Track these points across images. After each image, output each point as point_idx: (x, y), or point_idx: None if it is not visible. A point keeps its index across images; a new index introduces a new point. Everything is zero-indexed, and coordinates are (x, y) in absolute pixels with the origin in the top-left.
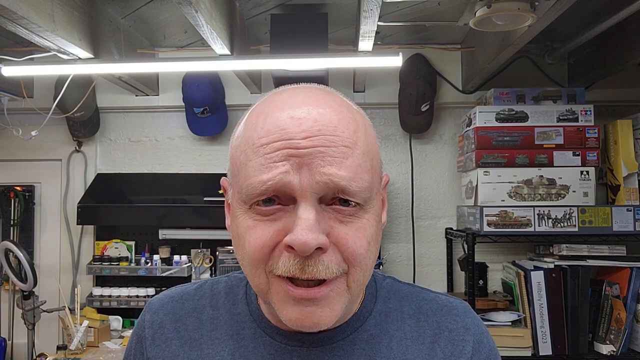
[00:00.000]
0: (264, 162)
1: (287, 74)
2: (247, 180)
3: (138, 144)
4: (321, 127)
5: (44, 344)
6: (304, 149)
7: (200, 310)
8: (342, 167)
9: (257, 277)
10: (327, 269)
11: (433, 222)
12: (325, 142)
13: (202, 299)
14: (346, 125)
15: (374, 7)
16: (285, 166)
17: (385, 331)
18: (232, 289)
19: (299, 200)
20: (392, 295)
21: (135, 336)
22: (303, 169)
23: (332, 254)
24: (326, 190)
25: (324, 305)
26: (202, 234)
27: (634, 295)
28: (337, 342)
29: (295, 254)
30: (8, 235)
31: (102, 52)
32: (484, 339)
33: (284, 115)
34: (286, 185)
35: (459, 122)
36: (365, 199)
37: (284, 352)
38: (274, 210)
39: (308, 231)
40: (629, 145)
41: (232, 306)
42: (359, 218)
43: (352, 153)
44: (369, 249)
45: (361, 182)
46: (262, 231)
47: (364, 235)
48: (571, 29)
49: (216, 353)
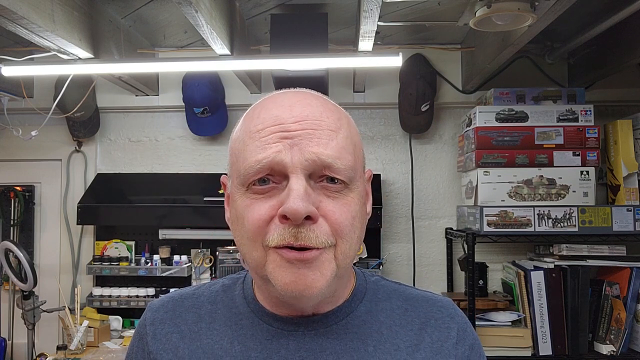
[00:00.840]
0: (259, 145)
1: (287, 74)
2: (244, 162)
3: (138, 144)
4: (309, 113)
5: (44, 344)
6: (295, 131)
7: (199, 307)
8: (328, 147)
9: (255, 251)
10: (318, 237)
11: (433, 222)
12: (312, 126)
13: (201, 296)
14: (330, 114)
15: (374, 7)
16: (278, 146)
17: (376, 318)
18: (229, 287)
19: (290, 176)
20: (380, 289)
21: (137, 334)
22: (294, 148)
23: (321, 225)
24: (314, 167)
25: (314, 269)
26: (202, 234)
27: (634, 295)
28: (330, 326)
29: (289, 223)
30: (8, 235)
31: (102, 52)
32: (468, 328)
33: (277, 106)
34: (279, 163)
35: (459, 122)
36: (349, 178)
37: (280, 336)
38: (269, 189)
39: (299, 200)
40: (629, 145)
41: (230, 301)
42: (344, 195)
43: (337, 136)
44: (353, 224)
45: (345, 161)
46: (258, 208)
47: (349, 210)
48: (571, 29)
49: (215, 342)
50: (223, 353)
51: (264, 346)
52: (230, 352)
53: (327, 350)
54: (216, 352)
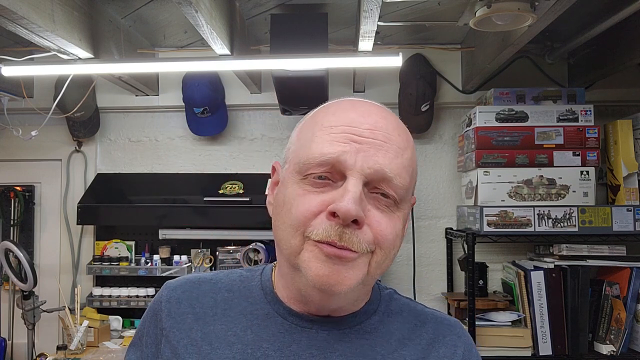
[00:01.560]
0: (328, 139)
1: (287, 74)
2: (308, 151)
3: (138, 144)
4: (383, 125)
5: (44, 344)
6: (366, 137)
7: (216, 292)
8: (392, 162)
9: (293, 239)
10: (360, 243)
11: (433, 222)
12: (383, 138)
13: (218, 283)
14: (402, 133)
15: (374, 7)
16: (345, 147)
17: (387, 328)
18: (247, 278)
19: (349, 177)
20: (393, 302)
21: (151, 311)
22: (360, 153)
23: (365, 232)
24: (374, 176)
25: (349, 268)
26: (202, 234)
27: (634, 295)
28: (343, 330)
29: (336, 221)
30: (8, 235)
31: (102, 52)
32: (473, 349)
33: (355, 110)
34: (342, 163)
35: (459, 122)
36: (401, 197)
37: (294, 331)
38: (324, 184)
39: (352, 202)
40: (629, 145)
41: (247, 291)
42: (392, 212)
43: (403, 155)
44: (395, 239)
45: (403, 180)
46: (309, 199)
47: (394, 226)
48: (571, 29)
49: (229, 329)
50: (235, 340)
51: (276, 338)
52: (242, 340)
53: (337, 351)
54: (229, 338)
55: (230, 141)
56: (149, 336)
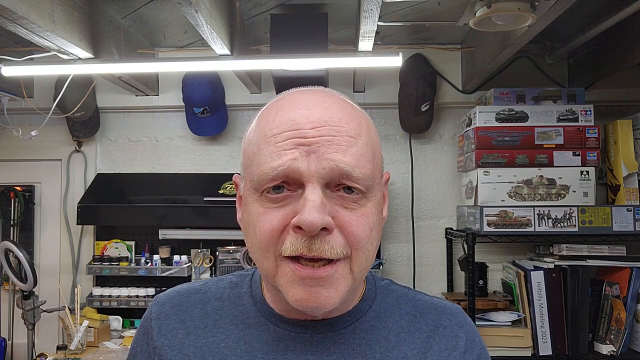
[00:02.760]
0: (275, 150)
1: (287, 74)
2: (259, 168)
3: (138, 144)
4: (327, 118)
5: (44, 344)
6: (312, 137)
7: (206, 302)
8: (346, 154)
9: (266, 260)
10: (332, 249)
11: (433, 222)
12: (331, 132)
13: (208, 292)
14: (350, 119)
15: (374, 7)
16: (294, 153)
17: (384, 324)
18: (236, 284)
19: (306, 185)
20: (390, 294)
21: (142, 329)
22: (311, 156)
23: (337, 236)
24: (332, 175)
25: (328, 286)
26: (202, 234)
27: (634, 295)
28: (338, 330)
29: (302, 233)
30: (8, 235)
31: (102, 52)
32: (476, 337)
33: (294, 109)
34: (295, 171)
35: (459, 122)
36: (367, 187)
37: (287, 338)
38: (283, 197)
39: (315, 211)
40: (629, 145)
41: (237, 298)
42: (362, 205)
43: (356, 142)
44: (370, 235)
45: (364, 169)
46: (271, 216)
47: (367, 221)
48: (571, 29)
49: (221, 340)
50: (229, 352)
51: (270, 347)
52: (236, 352)
53: (334, 354)
54: (222, 350)
55: (230, 141)
56: (142, 355)
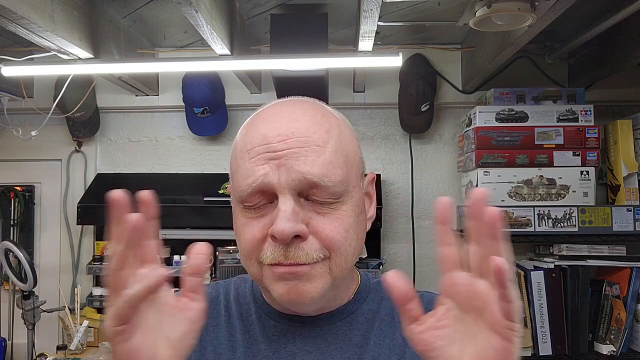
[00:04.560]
0: (249, 166)
1: (287, 74)
2: (238, 183)
3: (138, 144)
4: (295, 130)
5: (44, 344)
6: (280, 151)
7: (218, 303)
8: (314, 166)
9: (251, 267)
10: (307, 255)
11: (433, 222)
12: (298, 144)
13: (219, 295)
14: (318, 128)
15: (374, 7)
16: (265, 168)
17: (377, 315)
18: (240, 287)
19: (279, 196)
20: (382, 290)
21: None
22: (281, 168)
23: (311, 242)
24: (301, 186)
25: (305, 281)
26: (202, 234)
27: (634, 295)
28: (335, 323)
29: (278, 242)
30: (8, 235)
31: (102, 52)
32: None
33: (265, 123)
34: (267, 185)
35: (459, 122)
36: (339, 193)
37: (287, 332)
38: (262, 208)
39: (285, 221)
40: (629, 145)
41: (241, 298)
42: (335, 210)
43: (324, 152)
44: (347, 236)
45: (333, 177)
46: (252, 227)
47: (341, 224)
48: (571, 29)
49: (231, 335)
50: (236, 344)
51: (271, 340)
52: (242, 344)
53: (332, 345)
54: (231, 343)
55: (230, 141)
56: None
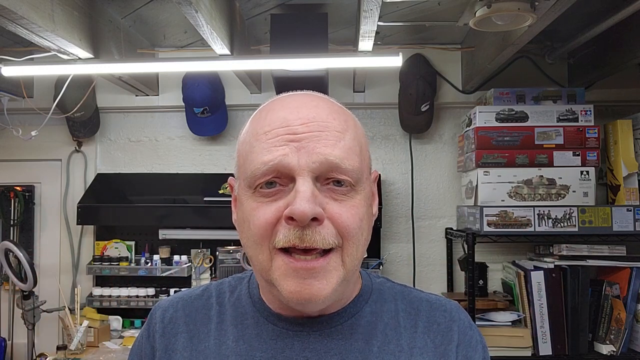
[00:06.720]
0: (266, 147)
1: (287, 74)
2: (251, 164)
3: (138, 144)
4: (315, 115)
5: (44, 344)
6: (302, 133)
7: (209, 308)
8: (335, 148)
9: (261, 254)
10: (324, 239)
11: (433, 222)
12: (319, 128)
13: (210, 298)
14: (337, 116)
15: (374, 7)
16: (284, 149)
17: (380, 319)
18: (235, 287)
19: (297, 178)
20: (386, 291)
21: (145, 332)
22: (301, 151)
23: (327, 226)
24: (321, 168)
25: (321, 278)
26: (202, 234)
27: (634, 295)
28: (335, 327)
29: (294, 224)
30: (8, 235)
31: (102, 52)
32: (469, 330)
33: (284, 108)
34: (285, 166)
35: (459, 122)
36: (356, 179)
37: (285, 336)
38: (275, 192)
39: (305, 202)
40: (629, 145)
41: (236, 300)
42: (351, 198)
43: (344, 137)
44: (361, 225)
45: (352, 162)
46: (264, 210)
47: (356, 212)
48: (571, 29)
49: (222, 342)
50: (229, 352)
51: (268, 346)
52: (235, 351)
53: (332, 350)
54: (222, 352)
55: (230, 141)
56: (146, 356)
